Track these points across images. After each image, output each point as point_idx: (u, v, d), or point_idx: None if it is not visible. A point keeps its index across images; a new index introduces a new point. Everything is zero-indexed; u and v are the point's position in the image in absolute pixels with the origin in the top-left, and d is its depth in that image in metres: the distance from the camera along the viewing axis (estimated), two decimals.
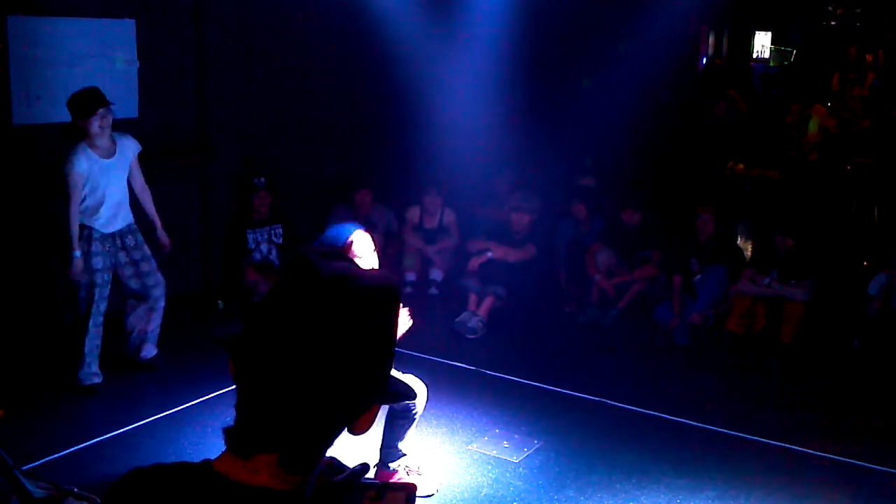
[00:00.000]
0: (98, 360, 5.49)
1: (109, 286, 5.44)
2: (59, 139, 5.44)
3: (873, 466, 4.87)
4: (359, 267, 1.23)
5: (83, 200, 5.25)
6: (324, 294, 1.17)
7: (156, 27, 6.77)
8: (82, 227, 5.29)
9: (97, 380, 5.50)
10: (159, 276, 5.66)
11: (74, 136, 5.25)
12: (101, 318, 5.43)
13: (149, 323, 5.68)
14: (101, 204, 5.30)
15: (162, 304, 5.69)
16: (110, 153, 5.34)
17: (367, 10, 7.78)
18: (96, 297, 5.35)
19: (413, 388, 3.13)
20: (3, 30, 5.81)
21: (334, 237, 4.00)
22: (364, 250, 3.95)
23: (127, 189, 5.51)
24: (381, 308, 1.21)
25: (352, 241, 3.93)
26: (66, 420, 5.15)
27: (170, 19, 6.92)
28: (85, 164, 5.20)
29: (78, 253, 5.22)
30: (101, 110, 5.18)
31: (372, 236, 4.12)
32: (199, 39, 7.14)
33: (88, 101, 5.18)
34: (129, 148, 5.48)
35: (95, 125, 5.19)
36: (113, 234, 5.40)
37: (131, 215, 5.55)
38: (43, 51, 6.05)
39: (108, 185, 5.32)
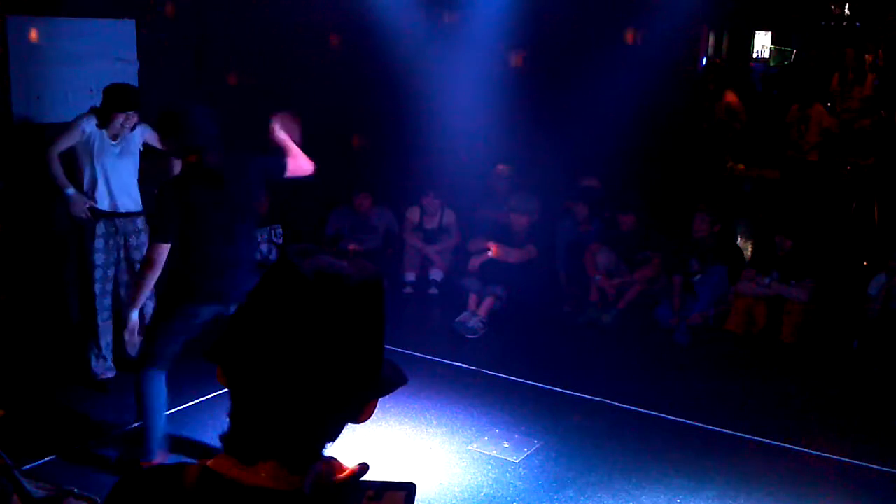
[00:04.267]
0: (112, 355, 5.57)
1: (112, 282, 5.50)
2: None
3: (873, 466, 4.87)
4: (339, 262, 1.21)
5: (82, 175, 5.37)
6: (311, 295, 1.16)
7: (156, 27, 6.76)
8: (95, 213, 5.40)
9: (111, 374, 5.58)
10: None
11: (99, 117, 5.40)
12: (108, 314, 5.51)
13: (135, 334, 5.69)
14: (96, 180, 5.38)
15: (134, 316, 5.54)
16: (118, 139, 5.45)
17: (367, 10, 7.77)
18: (98, 293, 5.43)
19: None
20: (3, 30, 5.82)
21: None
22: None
23: (134, 177, 5.54)
24: (370, 303, 1.21)
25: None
26: (66, 420, 5.15)
27: (170, 19, 6.91)
28: (85, 130, 5.34)
29: (70, 190, 5.33)
30: (130, 112, 5.37)
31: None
32: (199, 40, 7.14)
33: (123, 98, 5.36)
34: (138, 134, 5.54)
35: (119, 121, 5.38)
36: (117, 227, 5.43)
37: (139, 206, 5.56)
38: (43, 51, 6.05)
39: (109, 165, 5.40)
